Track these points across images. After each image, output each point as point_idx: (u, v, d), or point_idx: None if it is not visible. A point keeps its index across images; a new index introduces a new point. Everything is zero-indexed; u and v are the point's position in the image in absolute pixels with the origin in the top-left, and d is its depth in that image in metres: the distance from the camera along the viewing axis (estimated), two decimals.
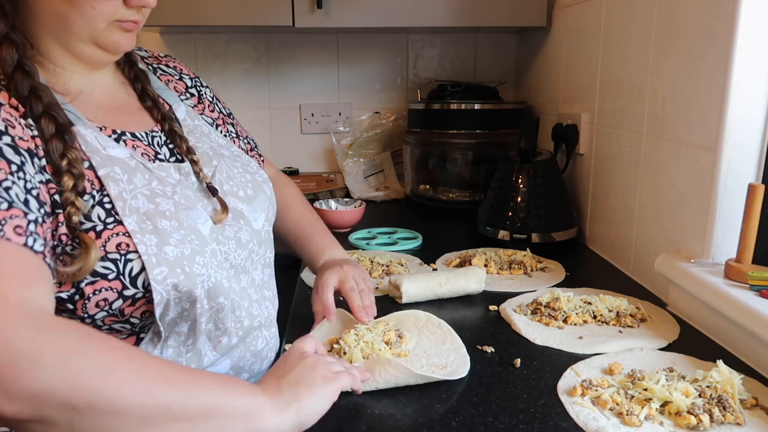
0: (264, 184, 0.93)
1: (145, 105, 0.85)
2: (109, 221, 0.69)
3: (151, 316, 0.72)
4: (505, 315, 1.00)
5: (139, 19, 0.76)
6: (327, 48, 2.00)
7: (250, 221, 0.86)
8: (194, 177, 0.82)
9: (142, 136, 0.80)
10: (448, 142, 1.72)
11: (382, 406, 0.74)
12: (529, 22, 1.64)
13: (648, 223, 1.15)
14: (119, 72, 0.86)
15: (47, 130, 0.67)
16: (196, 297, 0.74)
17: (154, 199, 0.74)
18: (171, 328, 0.75)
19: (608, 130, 1.31)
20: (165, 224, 0.72)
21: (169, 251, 0.71)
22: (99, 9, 0.72)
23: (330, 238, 1.08)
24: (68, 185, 0.67)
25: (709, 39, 0.94)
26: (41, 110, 0.68)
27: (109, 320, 0.71)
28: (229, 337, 0.80)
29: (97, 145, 0.73)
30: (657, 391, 0.72)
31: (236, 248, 0.82)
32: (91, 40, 0.74)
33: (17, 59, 0.68)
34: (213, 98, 1.01)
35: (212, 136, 0.93)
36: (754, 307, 0.82)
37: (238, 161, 0.92)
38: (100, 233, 0.69)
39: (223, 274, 0.78)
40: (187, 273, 0.72)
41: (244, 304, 0.82)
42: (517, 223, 1.36)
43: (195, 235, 0.75)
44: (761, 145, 0.92)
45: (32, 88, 0.68)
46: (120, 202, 0.71)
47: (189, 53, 1.93)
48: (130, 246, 0.69)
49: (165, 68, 0.96)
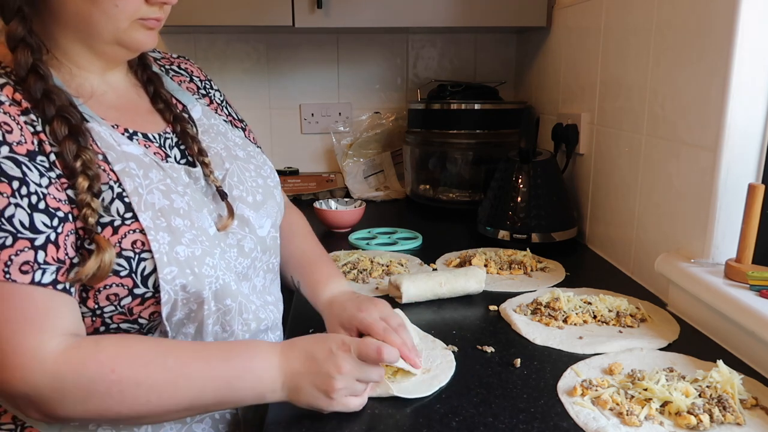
0: (275, 189, 0.92)
1: (157, 107, 0.85)
2: (128, 216, 0.69)
3: (159, 317, 0.72)
4: (505, 315, 1.00)
5: (161, 16, 0.76)
6: (327, 48, 2.00)
7: (255, 228, 0.84)
8: (203, 181, 0.82)
9: (154, 137, 0.80)
10: (448, 142, 1.72)
11: (382, 406, 0.74)
12: (529, 22, 1.64)
13: (648, 223, 1.15)
14: (131, 74, 0.86)
15: (60, 132, 0.67)
16: (203, 298, 0.73)
17: (169, 195, 0.74)
18: (178, 329, 0.75)
19: (608, 130, 1.31)
20: (178, 222, 0.72)
21: (180, 251, 0.71)
22: (122, 7, 0.71)
23: (335, 267, 1.01)
24: (83, 187, 0.66)
25: (709, 39, 0.94)
26: (54, 113, 0.68)
27: (118, 318, 0.71)
28: (235, 339, 0.80)
29: (112, 141, 0.73)
30: (657, 391, 0.72)
31: (237, 256, 0.81)
32: (114, 39, 0.74)
33: (32, 63, 0.68)
34: (222, 102, 1.00)
35: (229, 135, 0.92)
36: (754, 307, 0.82)
37: (252, 163, 0.91)
38: (117, 229, 0.69)
39: (232, 276, 0.78)
40: (196, 274, 0.72)
41: (251, 307, 0.82)
42: (517, 223, 1.36)
43: (205, 236, 0.75)
44: (761, 145, 0.92)
45: (45, 91, 0.68)
46: (135, 197, 0.71)
47: (189, 53, 1.93)
48: (145, 245, 0.69)
49: (177, 69, 0.96)
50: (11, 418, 0.73)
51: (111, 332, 0.72)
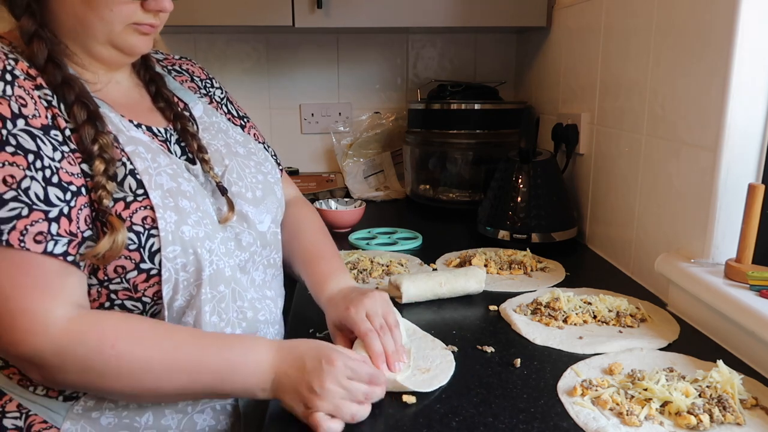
0: (275, 186, 0.93)
1: (158, 106, 0.87)
2: (139, 193, 0.72)
3: (161, 299, 0.74)
4: (505, 315, 1.00)
5: (156, 23, 0.78)
6: (327, 48, 2.00)
7: (254, 224, 0.86)
8: (203, 178, 0.83)
9: (159, 131, 0.83)
10: (448, 142, 1.72)
11: (382, 406, 0.74)
12: (529, 22, 1.64)
13: (648, 223, 1.15)
14: (134, 74, 0.88)
15: (80, 116, 0.70)
16: (202, 280, 0.75)
17: (177, 179, 0.76)
18: (179, 318, 0.76)
19: (608, 130, 1.31)
20: (185, 204, 0.75)
21: (186, 231, 0.74)
22: (116, 12, 0.74)
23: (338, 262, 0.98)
24: (100, 169, 0.69)
25: (709, 39, 0.94)
26: (74, 98, 0.71)
27: (123, 294, 0.73)
28: (232, 328, 0.81)
29: (121, 126, 0.76)
30: (657, 391, 0.72)
31: (235, 249, 0.83)
32: (108, 41, 0.76)
33: (48, 53, 0.71)
34: (223, 99, 1.01)
35: (230, 132, 0.94)
36: (754, 307, 0.82)
37: (252, 159, 0.92)
38: (129, 204, 0.71)
39: (228, 263, 0.80)
40: (197, 254, 0.74)
41: (247, 295, 0.83)
42: (517, 223, 1.36)
43: (209, 219, 0.78)
44: (761, 145, 0.92)
45: (64, 77, 0.71)
46: (146, 176, 0.73)
47: (189, 53, 1.93)
48: (154, 222, 0.71)
49: (179, 69, 0.98)
50: (16, 406, 0.75)
51: (115, 309, 0.74)
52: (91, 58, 0.78)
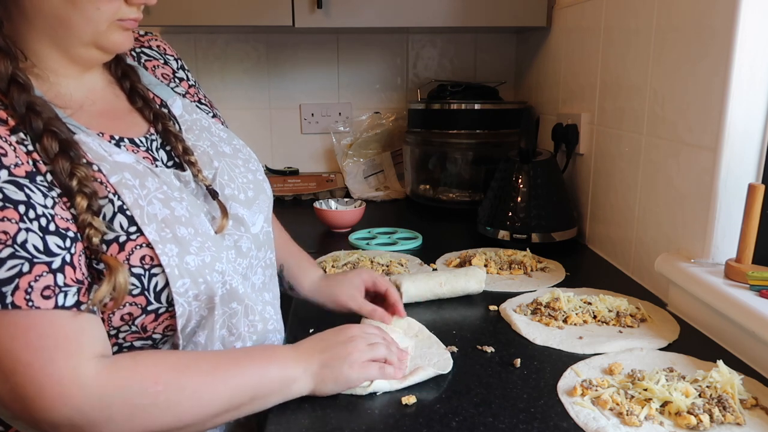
0: (264, 183, 0.90)
1: (136, 106, 0.82)
2: (132, 231, 0.67)
3: (173, 330, 0.71)
4: (505, 315, 1.00)
5: (139, 16, 0.75)
6: (327, 48, 2.00)
7: (249, 227, 0.83)
8: (194, 183, 0.79)
9: (141, 141, 0.78)
10: (448, 142, 1.72)
11: (382, 406, 0.74)
12: (529, 22, 1.64)
13: (648, 223, 1.15)
14: (106, 71, 0.82)
15: (51, 149, 0.64)
16: (215, 304, 0.73)
17: (169, 204, 0.71)
18: (189, 339, 0.74)
19: (608, 130, 1.31)
20: (183, 232, 0.70)
21: (190, 261, 0.70)
22: (103, 10, 0.70)
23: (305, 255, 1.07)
24: (83, 206, 0.63)
25: (709, 39, 0.94)
26: (42, 127, 0.64)
27: (131, 337, 0.70)
28: (243, 342, 0.79)
29: (103, 152, 0.70)
30: (657, 391, 0.72)
31: (236, 257, 0.79)
32: (92, 41, 0.72)
33: (11, 72, 0.65)
34: (195, 82, 0.96)
35: (213, 129, 0.89)
36: (754, 307, 0.82)
37: (239, 158, 0.88)
38: (124, 245, 0.66)
39: (238, 279, 0.77)
40: (207, 282, 0.71)
41: (257, 308, 0.81)
42: (517, 223, 1.36)
43: (211, 241, 0.74)
44: (761, 145, 0.92)
45: (29, 103, 0.65)
46: (137, 209, 0.68)
47: (189, 53, 1.93)
48: (153, 259, 0.67)
49: (149, 52, 0.92)
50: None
51: (124, 351, 0.71)
52: (68, 61, 0.73)
